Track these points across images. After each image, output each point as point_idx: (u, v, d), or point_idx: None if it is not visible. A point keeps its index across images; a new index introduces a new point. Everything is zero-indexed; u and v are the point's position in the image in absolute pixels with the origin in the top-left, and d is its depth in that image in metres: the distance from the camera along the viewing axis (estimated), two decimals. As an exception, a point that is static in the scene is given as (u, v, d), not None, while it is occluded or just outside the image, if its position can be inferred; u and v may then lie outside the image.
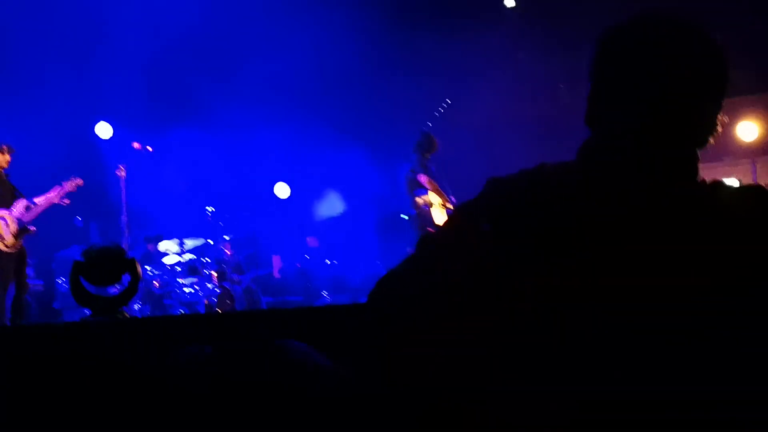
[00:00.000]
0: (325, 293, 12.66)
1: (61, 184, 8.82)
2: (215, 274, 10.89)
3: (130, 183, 9.21)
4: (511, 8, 13.84)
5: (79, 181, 8.91)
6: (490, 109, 13.21)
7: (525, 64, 13.66)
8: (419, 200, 9.43)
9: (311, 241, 13.50)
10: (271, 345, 2.09)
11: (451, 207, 9.42)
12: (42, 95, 11.32)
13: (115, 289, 7.27)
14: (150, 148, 9.55)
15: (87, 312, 6.45)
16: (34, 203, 8.66)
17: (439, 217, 9.29)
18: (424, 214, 9.41)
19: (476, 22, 12.93)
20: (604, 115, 1.70)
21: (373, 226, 13.57)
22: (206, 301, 10.47)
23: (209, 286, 10.68)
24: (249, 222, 12.30)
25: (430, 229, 9.10)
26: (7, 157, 8.68)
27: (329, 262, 12.91)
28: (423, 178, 9.53)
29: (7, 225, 8.40)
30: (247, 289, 11.77)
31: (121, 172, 9.11)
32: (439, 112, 13.27)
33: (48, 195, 8.76)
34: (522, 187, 1.64)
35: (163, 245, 11.39)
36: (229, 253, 11.71)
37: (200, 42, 12.17)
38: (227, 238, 11.60)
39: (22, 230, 8.49)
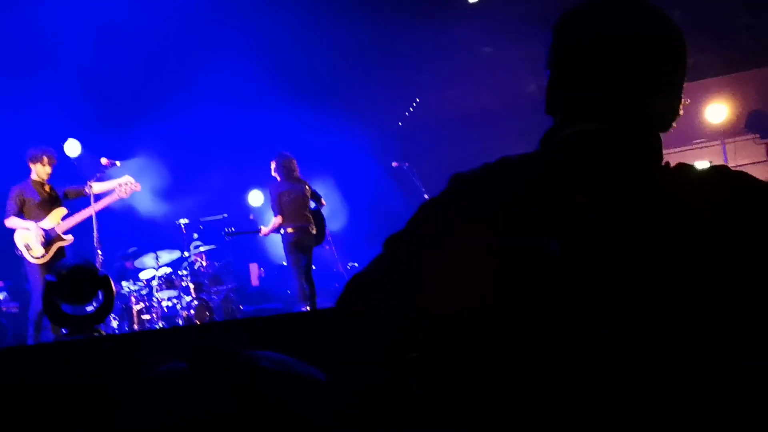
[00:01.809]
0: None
1: (93, 202, 8.92)
2: (192, 287, 10.82)
3: (99, 199, 9.11)
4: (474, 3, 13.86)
5: (137, 186, 9.18)
6: (458, 103, 13.25)
7: (491, 56, 13.68)
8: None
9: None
10: (243, 357, 2.07)
11: None
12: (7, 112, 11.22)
13: (92, 307, 7.22)
14: (119, 164, 9.47)
15: (64, 331, 6.40)
16: (72, 215, 8.76)
17: None
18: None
19: (442, 15, 12.95)
20: (566, 102, 1.68)
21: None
22: (185, 314, 10.41)
23: (187, 298, 10.62)
24: (223, 231, 12.25)
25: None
26: (48, 169, 8.77)
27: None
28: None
29: (36, 236, 8.38)
30: (225, 298, 11.72)
31: (89, 189, 9.03)
32: (409, 112, 13.31)
33: (86, 209, 8.86)
34: (485, 180, 1.61)
35: (139, 262, 11.35)
36: (205, 263, 11.65)
37: (156, 45, 12.09)
38: (202, 249, 11.53)
39: (53, 240, 8.45)
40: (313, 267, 9.75)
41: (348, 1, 11.90)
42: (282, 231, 9.64)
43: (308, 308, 9.33)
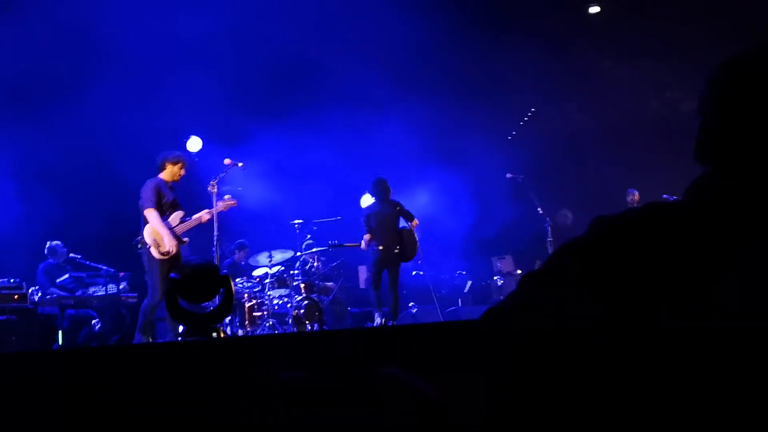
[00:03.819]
0: (412, 304, 12.69)
1: (215, 204, 9.28)
2: (303, 286, 11.02)
3: (220, 198, 9.40)
4: (595, 14, 13.69)
5: (233, 202, 9.38)
6: (575, 118, 13.12)
7: (610, 72, 13.52)
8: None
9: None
10: (364, 371, 2.09)
11: None
12: (132, 111, 11.61)
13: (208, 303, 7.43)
14: (241, 164, 9.74)
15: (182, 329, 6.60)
16: (190, 218, 9.09)
17: None
18: None
19: (559, 29, 12.86)
20: (722, 153, 1.63)
21: (459, 240, 13.60)
22: (295, 313, 10.59)
23: (297, 298, 10.81)
24: (336, 234, 12.39)
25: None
26: (182, 173, 9.12)
27: (415, 273, 12.93)
28: None
29: (168, 233, 8.75)
30: (334, 300, 11.87)
31: (213, 188, 9.32)
32: (524, 121, 13.22)
33: (201, 213, 9.20)
34: (629, 228, 1.60)
35: (253, 260, 11.60)
36: (316, 264, 11.84)
37: (283, 48, 12.34)
38: (315, 249, 11.71)
39: (177, 239, 8.81)
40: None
41: (468, 16, 11.93)
42: (371, 247, 10.64)
43: (381, 318, 10.37)
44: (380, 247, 10.53)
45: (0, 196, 11.46)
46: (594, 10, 13.61)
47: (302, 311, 10.61)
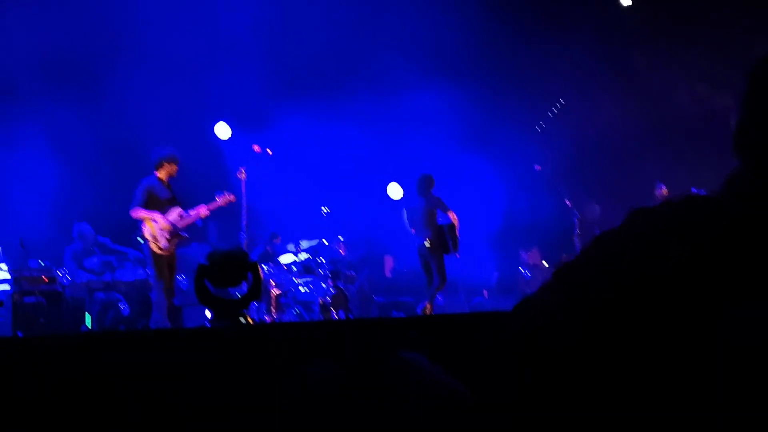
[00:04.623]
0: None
1: (215, 198, 9.32)
2: (330, 274, 11.05)
3: (249, 184, 9.44)
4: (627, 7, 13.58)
5: (232, 198, 9.42)
6: (605, 112, 13.03)
7: (642, 66, 13.41)
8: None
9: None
10: (396, 360, 2.09)
11: None
12: (162, 96, 11.65)
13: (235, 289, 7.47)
14: (270, 151, 9.78)
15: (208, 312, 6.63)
16: (188, 213, 9.17)
17: None
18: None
19: (592, 22, 12.77)
20: (761, 145, 1.61)
21: (486, 231, 13.55)
22: (321, 301, 10.62)
23: (324, 285, 10.84)
24: (362, 222, 12.40)
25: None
26: (175, 170, 9.22)
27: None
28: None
29: (162, 229, 8.85)
30: (360, 288, 11.88)
31: (242, 175, 9.38)
32: (553, 113, 13.14)
33: (200, 208, 9.27)
34: (667, 220, 1.58)
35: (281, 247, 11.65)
36: (343, 253, 11.86)
37: (315, 34, 12.34)
38: (341, 238, 11.73)
39: (175, 236, 8.87)
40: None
41: (505, 7, 11.90)
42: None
43: (428, 304, 10.60)
44: (420, 239, 10.86)
45: (30, 178, 11.56)
46: (626, 2, 13.51)
47: (328, 299, 10.64)
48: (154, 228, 8.92)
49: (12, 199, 11.42)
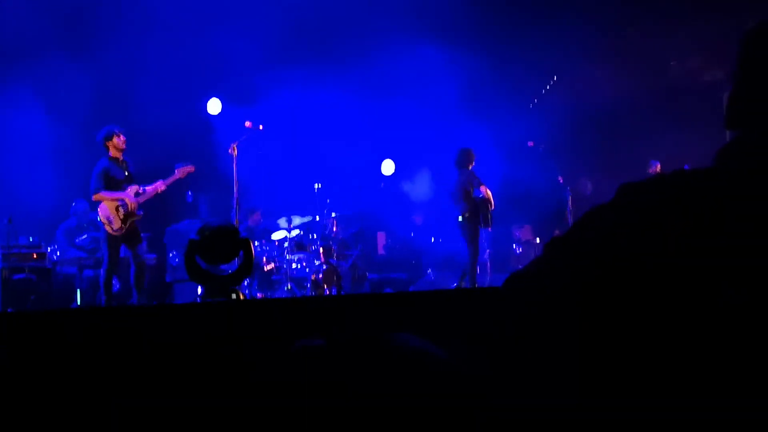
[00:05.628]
0: (430, 271, 12.68)
1: (173, 171, 9.34)
2: (322, 251, 11.02)
3: (240, 160, 9.40)
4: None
5: (191, 168, 9.43)
6: (598, 88, 12.99)
7: (635, 41, 13.35)
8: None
9: (417, 219, 13.51)
10: (383, 339, 2.09)
11: None
12: (153, 72, 11.57)
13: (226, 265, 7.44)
14: (261, 127, 9.74)
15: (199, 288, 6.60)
16: (145, 190, 9.21)
17: None
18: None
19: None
20: (753, 118, 1.60)
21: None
22: (313, 277, 10.61)
23: (316, 262, 10.82)
24: (355, 199, 12.36)
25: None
26: (122, 146, 9.24)
27: (434, 240, 12.92)
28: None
29: (117, 209, 8.94)
30: (352, 265, 11.88)
31: (233, 151, 9.34)
32: (546, 89, 13.10)
33: (156, 183, 9.29)
34: (658, 194, 1.57)
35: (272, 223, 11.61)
36: (335, 229, 11.83)
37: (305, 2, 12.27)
38: (334, 215, 11.71)
39: (128, 215, 8.90)
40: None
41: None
42: None
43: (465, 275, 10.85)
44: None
45: (23, 156, 11.47)
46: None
47: (320, 276, 10.63)
48: (110, 209, 9.00)
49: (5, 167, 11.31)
